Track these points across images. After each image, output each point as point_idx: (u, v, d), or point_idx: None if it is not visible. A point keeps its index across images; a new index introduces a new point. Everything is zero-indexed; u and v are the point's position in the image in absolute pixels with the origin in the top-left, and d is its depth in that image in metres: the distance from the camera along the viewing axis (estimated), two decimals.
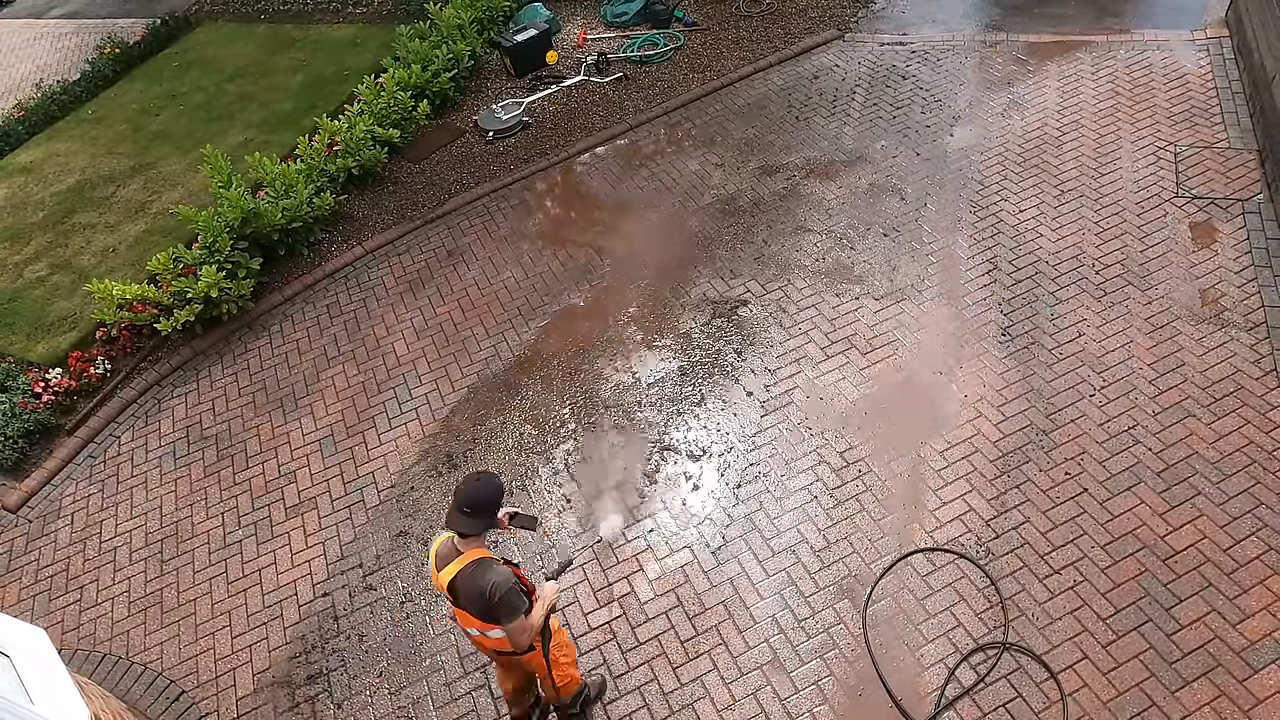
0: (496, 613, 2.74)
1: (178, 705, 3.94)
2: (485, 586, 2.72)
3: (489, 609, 2.74)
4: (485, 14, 7.94)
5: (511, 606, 2.73)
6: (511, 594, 2.72)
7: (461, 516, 2.74)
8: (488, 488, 2.77)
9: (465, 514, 2.73)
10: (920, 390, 4.47)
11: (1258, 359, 4.24)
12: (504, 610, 2.73)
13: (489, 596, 2.71)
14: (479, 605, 2.77)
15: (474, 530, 2.76)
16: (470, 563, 2.76)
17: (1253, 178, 5.09)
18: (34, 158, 8.29)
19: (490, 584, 2.71)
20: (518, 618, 2.75)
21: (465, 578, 2.76)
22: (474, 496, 2.74)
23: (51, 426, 5.37)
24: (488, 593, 2.72)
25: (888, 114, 6.27)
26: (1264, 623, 3.39)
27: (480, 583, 2.72)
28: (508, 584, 2.72)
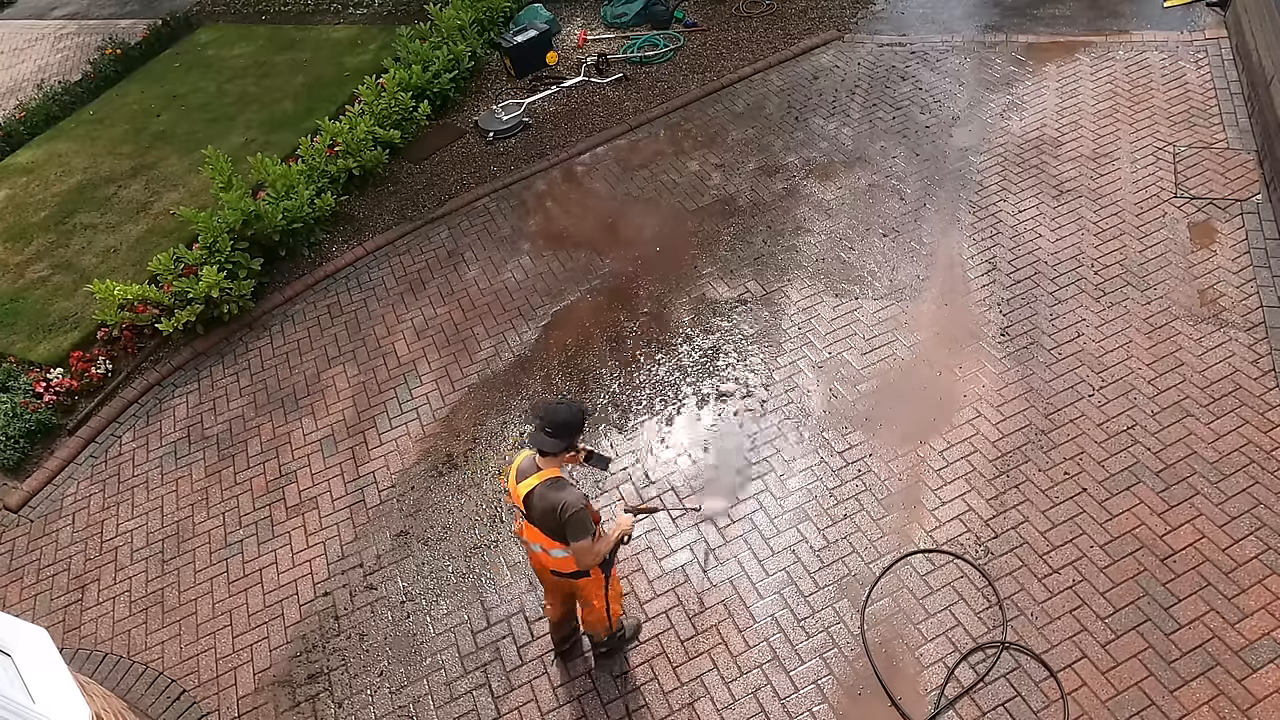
0: (565, 530, 2.90)
1: (179, 704, 3.95)
2: (557, 503, 2.88)
3: (557, 526, 2.91)
4: (485, 15, 7.95)
5: (580, 524, 2.88)
6: (581, 514, 2.88)
7: (544, 436, 2.90)
8: (570, 411, 2.94)
9: (548, 434, 2.90)
10: (919, 390, 4.48)
11: (1256, 359, 4.26)
12: (572, 528, 2.88)
13: (559, 513, 2.88)
14: (548, 521, 2.93)
15: (553, 449, 2.91)
16: (547, 479, 2.93)
17: (1251, 178, 5.10)
18: (35, 158, 8.30)
19: (562, 502, 2.88)
20: (584, 538, 2.90)
21: (540, 493, 2.93)
22: (556, 418, 2.91)
23: (53, 426, 5.39)
24: (558, 509, 2.88)
25: (887, 115, 6.28)
26: (1262, 622, 3.40)
27: (553, 499, 2.89)
28: (578, 504, 2.89)
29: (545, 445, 2.91)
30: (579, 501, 2.90)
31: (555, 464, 2.97)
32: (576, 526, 2.89)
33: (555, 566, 3.12)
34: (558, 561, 3.07)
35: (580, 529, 2.89)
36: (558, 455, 2.94)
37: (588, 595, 3.25)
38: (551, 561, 3.10)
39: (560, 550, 3.02)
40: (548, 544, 3.03)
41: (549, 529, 2.97)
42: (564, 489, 2.92)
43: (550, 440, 2.90)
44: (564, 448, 2.93)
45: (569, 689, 3.69)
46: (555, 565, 3.11)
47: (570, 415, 2.92)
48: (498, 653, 3.87)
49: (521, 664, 3.81)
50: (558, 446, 2.91)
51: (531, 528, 3.05)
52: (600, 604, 3.27)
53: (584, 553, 2.93)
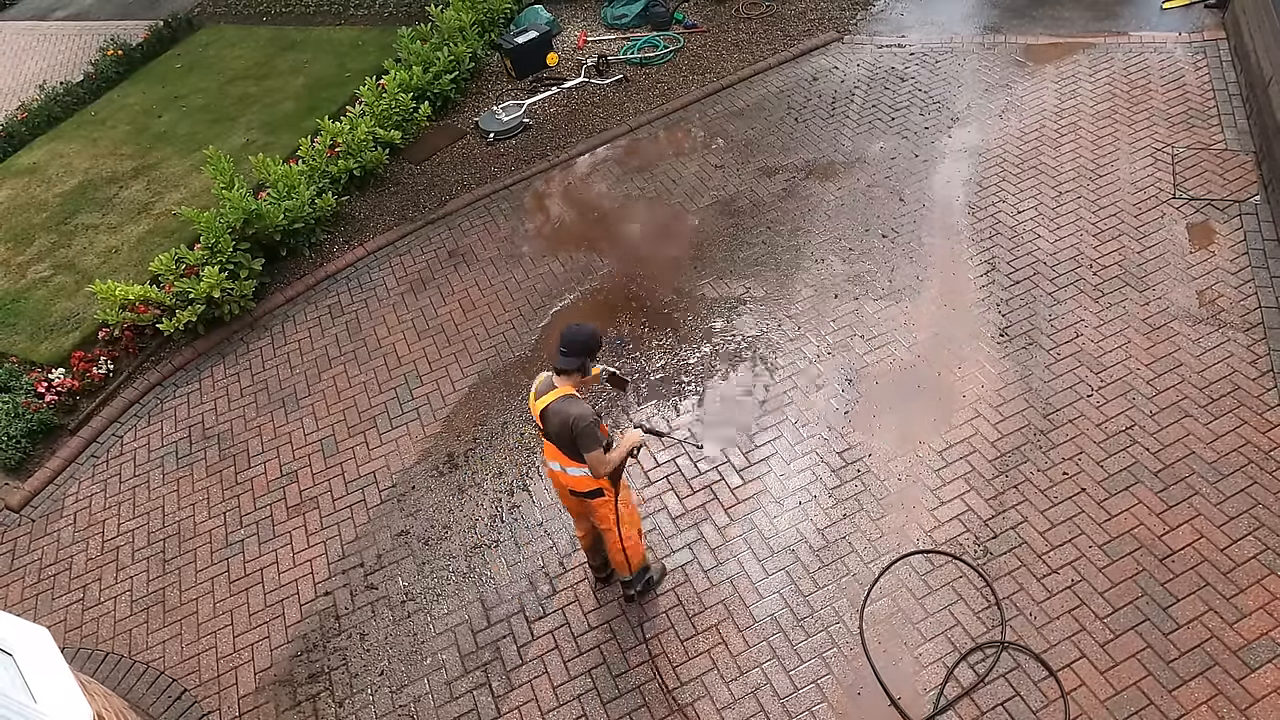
0: (577, 442, 3.09)
1: (180, 704, 3.96)
2: (569, 416, 3.08)
3: (570, 439, 3.10)
4: (486, 16, 7.98)
5: (590, 435, 3.07)
6: (591, 426, 3.07)
7: (561, 355, 3.12)
8: (584, 332, 3.15)
9: (563, 353, 3.12)
10: (919, 390, 4.49)
11: (1254, 359, 4.26)
12: (583, 439, 3.07)
13: (571, 426, 3.07)
14: (563, 435, 3.12)
15: (568, 367, 3.13)
16: (562, 395, 3.14)
17: (1249, 179, 5.11)
18: (37, 159, 8.32)
19: (573, 415, 3.08)
20: (596, 449, 3.09)
21: (555, 408, 3.14)
22: (570, 338, 3.12)
23: (54, 426, 5.40)
24: (570, 422, 3.07)
25: (886, 116, 6.29)
26: (1261, 622, 3.41)
27: (566, 412, 3.09)
28: (588, 417, 3.08)
29: (561, 364, 3.13)
30: (588, 415, 3.09)
31: (570, 382, 3.17)
32: (587, 438, 3.07)
33: (572, 485, 3.31)
34: (574, 480, 3.27)
35: (591, 439, 3.08)
36: (572, 374, 3.15)
37: (602, 519, 3.39)
38: (568, 480, 3.30)
39: (576, 468, 3.22)
40: (565, 461, 3.23)
41: (564, 443, 3.16)
42: (576, 404, 3.11)
43: (566, 359, 3.11)
44: (577, 367, 3.13)
45: (568, 688, 3.70)
46: (572, 484, 3.30)
47: (586, 336, 3.13)
48: (498, 652, 3.88)
49: (522, 663, 3.82)
50: (572, 365, 3.12)
51: (550, 445, 3.26)
52: (613, 532, 3.39)
53: (598, 462, 3.12)
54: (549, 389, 3.19)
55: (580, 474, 3.23)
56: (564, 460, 3.24)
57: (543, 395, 3.20)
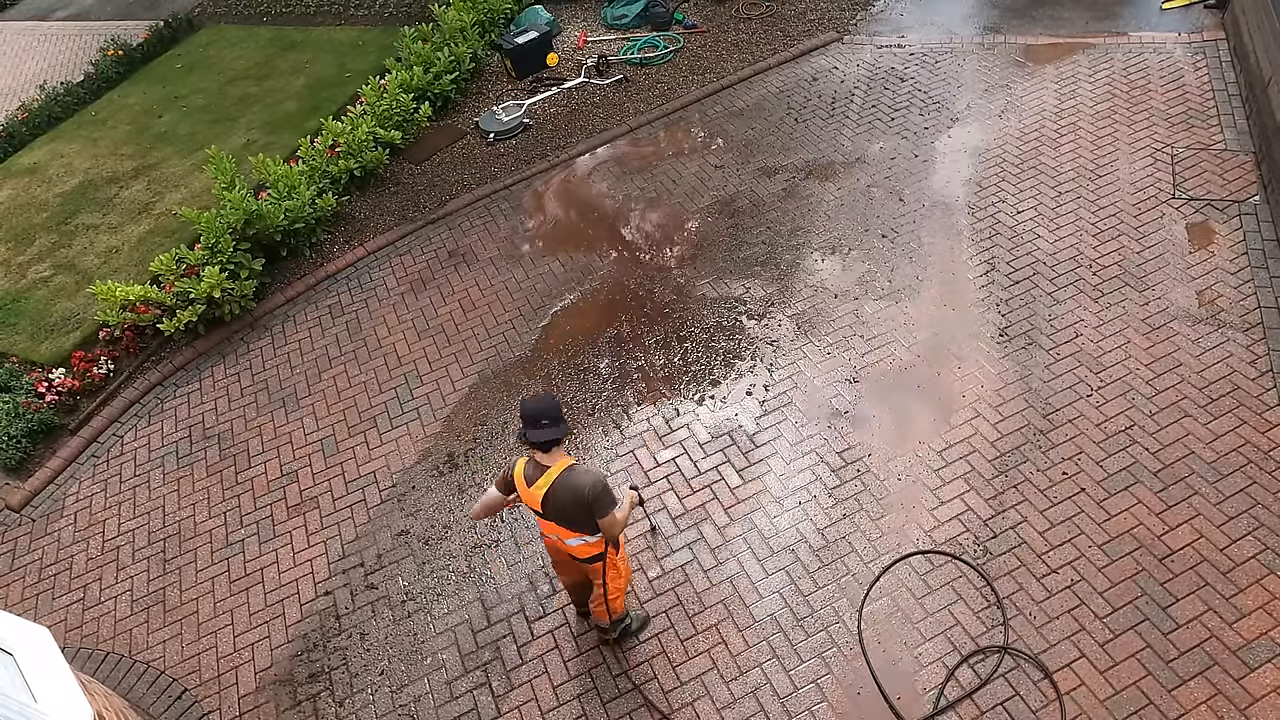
0: (593, 507, 2.99)
1: (180, 703, 3.96)
2: (583, 485, 2.98)
3: (584, 507, 2.99)
4: (486, 16, 7.98)
5: (608, 500, 3.01)
6: (607, 490, 3.01)
7: (541, 429, 2.97)
8: (549, 400, 3.01)
9: (545, 425, 2.97)
10: (918, 390, 4.49)
11: (1254, 359, 4.27)
12: (600, 503, 2.98)
13: (587, 494, 2.96)
14: (571, 508, 3.01)
15: (556, 436, 2.99)
16: (564, 469, 3.02)
17: (1249, 179, 5.12)
18: (38, 159, 8.33)
19: (588, 483, 2.98)
20: (611, 510, 3.02)
21: (563, 482, 3.00)
22: (543, 409, 2.97)
23: (55, 426, 5.40)
24: (585, 490, 2.96)
25: (886, 116, 6.30)
26: (1260, 622, 3.41)
27: (578, 484, 2.98)
28: (602, 480, 3.00)
29: (548, 436, 2.98)
30: (601, 478, 3.02)
31: (562, 453, 3.07)
32: (605, 500, 3.01)
33: (575, 553, 3.26)
34: (575, 549, 3.22)
35: (609, 502, 3.02)
36: (560, 443, 3.03)
37: (597, 578, 3.36)
38: (569, 549, 3.25)
39: (575, 538, 3.15)
40: (564, 534, 3.16)
41: (570, 517, 3.06)
42: (584, 473, 3.03)
43: (550, 429, 2.98)
44: (561, 435, 3.01)
45: (568, 688, 3.71)
46: (573, 551, 3.25)
47: (552, 403, 3.00)
48: (498, 652, 3.89)
49: (522, 663, 3.82)
50: (557, 434, 2.99)
51: (548, 523, 3.16)
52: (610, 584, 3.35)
53: (612, 525, 3.05)
54: (539, 471, 3.03)
55: (579, 543, 3.15)
56: (563, 533, 3.15)
57: (536, 480, 3.03)
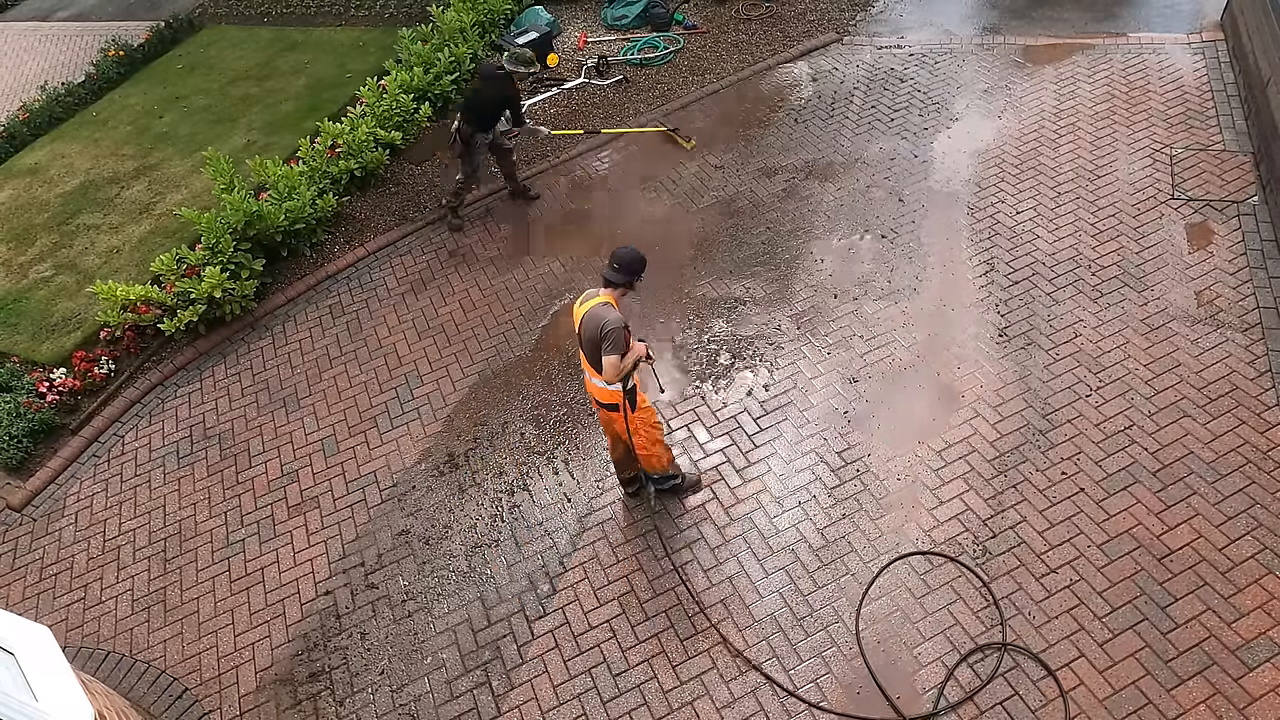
0: (603, 343, 3.45)
1: (180, 703, 3.97)
2: (602, 319, 3.47)
3: (599, 341, 3.46)
4: (486, 17, 7.99)
5: (615, 339, 3.44)
6: (617, 331, 3.44)
7: (610, 270, 3.57)
8: (634, 253, 3.57)
9: (614, 268, 3.56)
10: (918, 390, 4.50)
11: (1253, 360, 4.28)
12: (609, 341, 3.44)
13: (601, 329, 3.45)
14: (593, 339, 3.49)
15: (616, 280, 3.56)
16: (601, 302, 3.55)
17: (1248, 180, 5.13)
18: (39, 159, 8.34)
19: (606, 318, 3.47)
20: (614, 353, 3.45)
21: (593, 312, 3.53)
22: (621, 257, 3.55)
23: (56, 426, 5.41)
24: (601, 326, 3.45)
25: (885, 117, 6.31)
26: (1259, 621, 3.42)
27: (602, 316, 3.48)
28: (618, 323, 3.46)
29: (610, 276, 3.56)
30: (619, 320, 3.47)
31: (613, 295, 3.58)
32: (612, 340, 3.44)
33: (596, 395, 3.74)
34: (598, 391, 3.69)
35: (614, 343, 3.44)
36: (618, 287, 3.57)
37: (621, 430, 3.79)
38: (595, 390, 3.72)
39: (599, 380, 3.60)
40: (592, 372, 3.64)
41: (593, 348, 3.53)
42: (611, 310, 3.51)
43: (615, 273, 3.55)
44: (624, 282, 3.56)
45: (568, 687, 3.71)
46: (596, 393, 3.73)
47: (635, 257, 3.56)
48: (498, 651, 3.89)
49: (522, 663, 3.83)
50: (619, 279, 3.56)
51: (583, 355, 3.67)
52: (634, 437, 3.78)
53: (611, 365, 3.47)
54: (592, 297, 3.60)
55: (602, 385, 3.62)
56: (591, 371, 3.63)
57: (586, 301, 3.61)
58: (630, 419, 3.70)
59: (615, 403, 3.66)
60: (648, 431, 3.84)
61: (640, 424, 3.78)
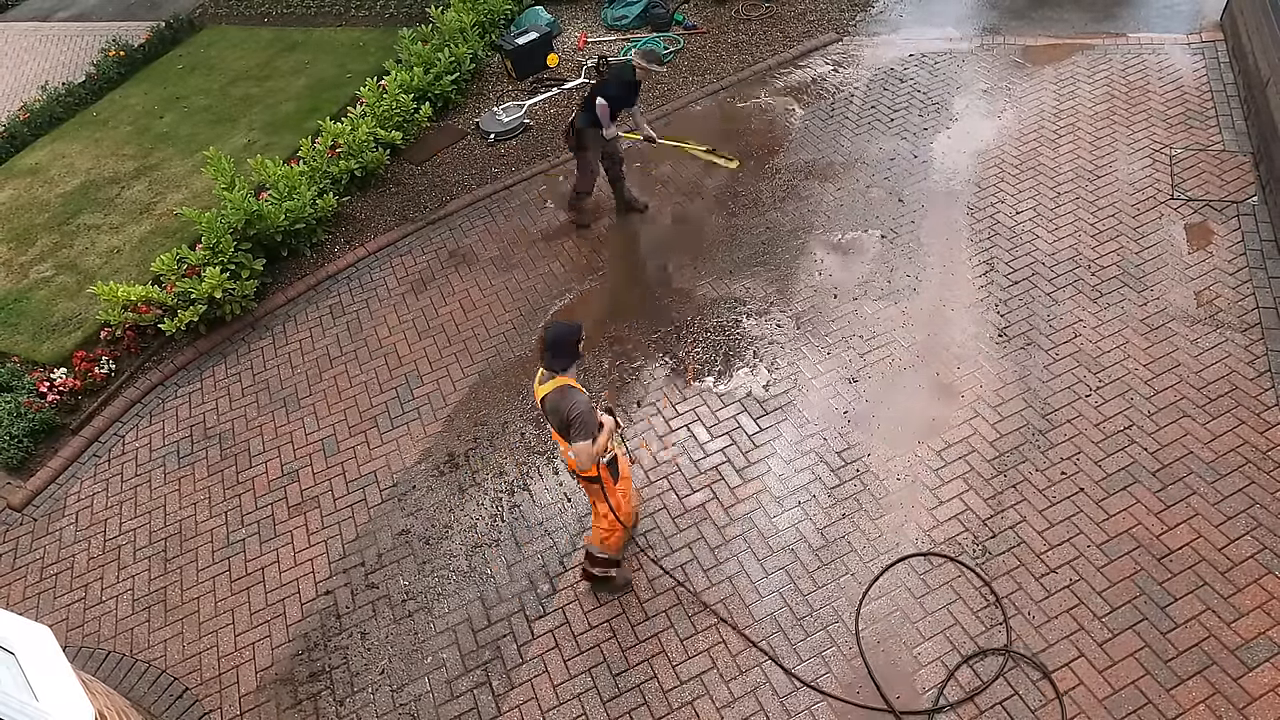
0: (569, 432, 3.28)
1: (181, 702, 3.97)
2: (564, 408, 3.28)
3: (565, 429, 3.30)
4: (486, 17, 8.00)
5: (583, 425, 3.26)
6: (583, 416, 3.25)
7: (548, 358, 3.34)
8: (563, 330, 3.33)
9: (551, 356, 3.33)
10: (917, 390, 4.51)
11: (1252, 360, 4.28)
12: (575, 428, 3.26)
13: (565, 416, 3.27)
14: (559, 424, 3.33)
15: (557, 368, 3.34)
16: (557, 387, 3.33)
17: (1247, 180, 5.13)
18: (39, 159, 8.35)
19: (567, 406, 3.28)
20: (584, 440, 3.27)
21: (551, 400, 3.34)
22: (554, 340, 3.32)
23: (56, 426, 5.42)
24: (564, 413, 3.27)
25: (885, 117, 6.31)
26: (1258, 621, 3.42)
27: (561, 404, 3.29)
28: (580, 406, 3.27)
29: (551, 364, 3.35)
30: (581, 404, 3.27)
31: (565, 377, 3.35)
32: (580, 427, 3.26)
33: (571, 465, 3.52)
34: (572, 461, 3.47)
35: (583, 430, 3.26)
36: (564, 371, 3.34)
37: (596, 503, 3.63)
38: (569, 461, 3.52)
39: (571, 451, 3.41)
40: (565, 445, 3.45)
41: (562, 429, 3.37)
42: (571, 395, 3.30)
43: (554, 360, 3.33)
44: (565, 366, 3.33)
45: (568, 687, 3.72)
46: (571, 464, 3.51)
47: (567, 335, 3.31)
48: (498, 651, 3.90)
49: (522, 662, 3.84)
50: (560, 365, 3.33)
51: (553, 431, 3.50)
52: (606, 513, 3.60)
53: (583, 453, 3.29)
54: (548, 379, 3.38)
55: (572, 455, 3.43)
56: (564, 444, 3.46)
57: (543, 384, 3.40)
58: (611, 491, 3.50)
59: (594, 475, 3.45)
60: (626, 503, 3.62)
61: (623, 497, 3.58)
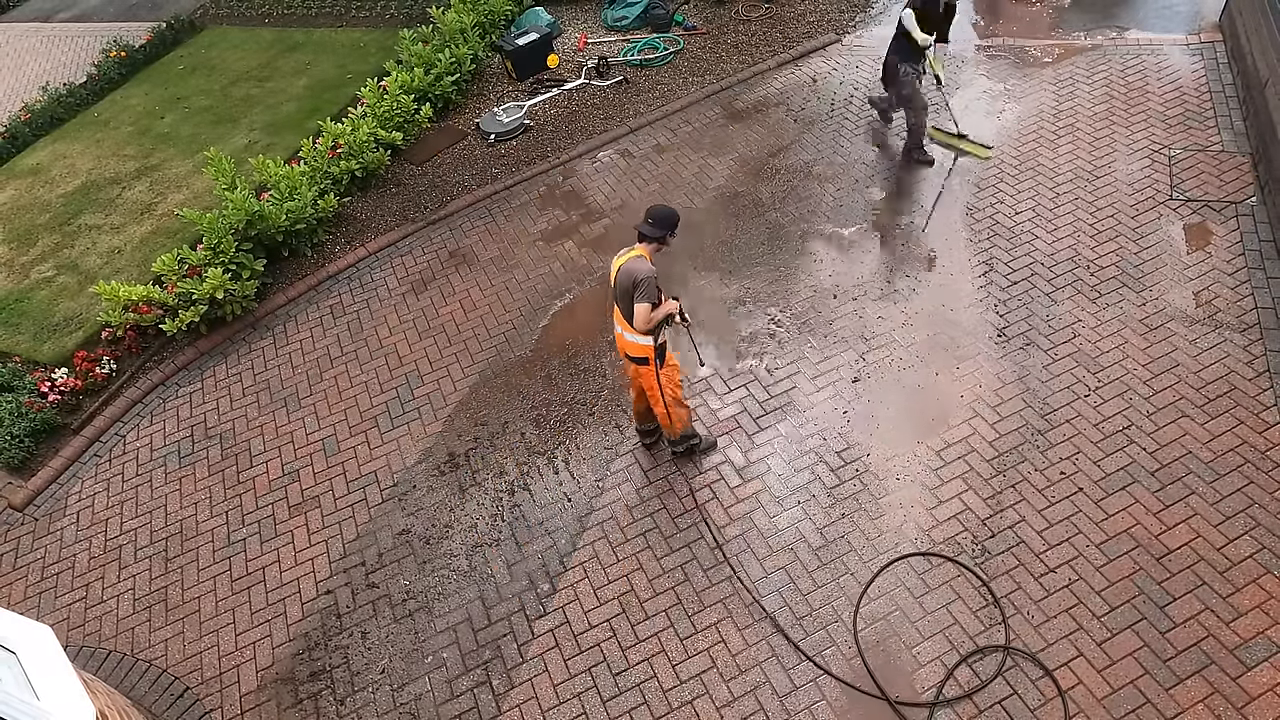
0: (635, 292, 3.67)
1: (182, 701, 3.98)
2: (636, 271, 3.69)
3: (631, 291, 3.69)
4: (487, 18, 8.02)
5: (648, 288, 3.66)
6: (650, 281, 3.66)
7: (645, 225, 3.77)
8: (668, 210, 3.78)
9: (649, 223, 3.76)
10: (917, 390, 4.51)
11: (1251, 360, 4.29)
12: (640, 289, 3.66)
13: (634, 280, 3.67)
14: (626, 291, 3.72)
15: (651, 235, 3.76)
16: (635, 256, 3.78)
17: (1246, 180, 5.14)
18: (40, 160, 8.36)
19: (640, 271, 3.69)
20: (645, 302, 3.67)
21: (628, 266, 3.75)
22: (657, 213, 3.76)
23: (58, 426, 5.43)
24: (635, 277, 3.67)
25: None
26: (1257, 620, 3.43)
27: (635, 269, 3.70)
28: (651, 274, 3.69)
29: (645, 231, 3.76)
30: (652, 273, 3.70)
31: (647, 249, 3.79)
32: (645, 289, 3.67)
33: (627, 349, 3.92)
34: (628, 344, 3.89)
35: (646, 292, 3.66)
36: (652, 242, 3.77)
37: (648, 386, 4.01)
38: (624, 344, 3.92)
39: (630, 334, 3.82)
40: (624, 326, 3.84)
41: (625, 301, 3.75)
42: (645, 264, 3.72)
43: (650, 228, 3.75)
44: (658, 237, 3.76)
45: (569, 686, 3.72)
46: (626, 347, 3.92)
47: (670, 213, 3.77)
48: (499, 650, 3.90)
49: (522, 661, 3.84)
50: (654, 234, 3.75)
51: (616, 309, 3.88)
52: (656, 396, 4.00)
53: (643, 314, 3.69)
54: (628, 252, 3.82)
55: (633, 339, 3.84)
56: (624, 325, 3.84)
57: (621, 256, 3.83)
58: (659, 372, 3.90)
59: (645, 356, 3.85)
60: (671, 390, 4.02)
61: (667, 381, 3.98)
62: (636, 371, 4.00)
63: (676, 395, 4.06)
